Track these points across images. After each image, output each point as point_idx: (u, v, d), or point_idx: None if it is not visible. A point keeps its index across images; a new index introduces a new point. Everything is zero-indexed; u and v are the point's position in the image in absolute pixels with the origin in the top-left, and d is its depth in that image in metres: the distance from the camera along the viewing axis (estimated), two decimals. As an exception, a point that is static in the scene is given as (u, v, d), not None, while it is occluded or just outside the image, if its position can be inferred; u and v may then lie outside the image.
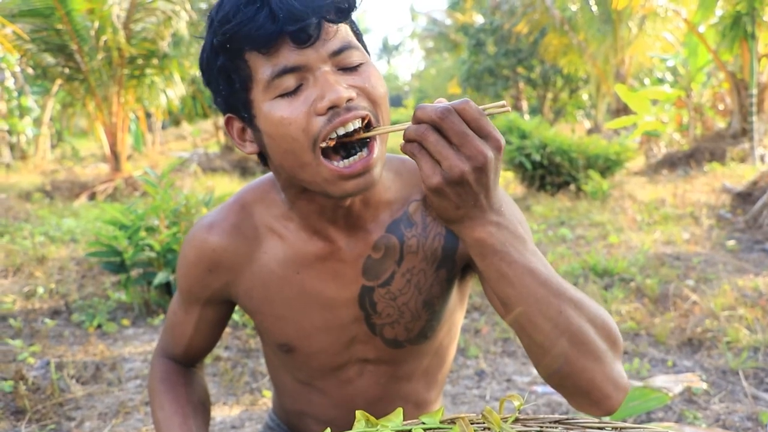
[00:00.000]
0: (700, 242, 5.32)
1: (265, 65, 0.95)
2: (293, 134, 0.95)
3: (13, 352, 3.13)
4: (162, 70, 9.71)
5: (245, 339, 3.34)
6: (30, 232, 5.69)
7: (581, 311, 0.93)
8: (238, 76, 0.98)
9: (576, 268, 4.42)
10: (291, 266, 1.16)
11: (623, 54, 14.98)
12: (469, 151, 0.81)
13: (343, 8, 0.97)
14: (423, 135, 0.82)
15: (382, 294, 1.16)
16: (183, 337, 1.32)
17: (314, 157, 0.95)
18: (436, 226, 1.15)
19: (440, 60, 40.03)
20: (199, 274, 1.23)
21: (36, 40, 8.63)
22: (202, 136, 19.25)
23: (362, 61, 1.00)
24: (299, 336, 1.21)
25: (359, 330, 1.20)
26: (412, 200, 1.16)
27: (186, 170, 10.74)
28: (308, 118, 0.94)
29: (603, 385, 0.95)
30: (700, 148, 10.03)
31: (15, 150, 13.62)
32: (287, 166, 1.00)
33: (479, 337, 3.38)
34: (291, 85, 0.95)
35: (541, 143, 7.89)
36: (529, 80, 22.50)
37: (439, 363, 1.32)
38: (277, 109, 0.95)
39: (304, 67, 0.95)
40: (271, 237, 1.18)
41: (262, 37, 0.93)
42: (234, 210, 1.20)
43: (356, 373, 1.25)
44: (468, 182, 0.82)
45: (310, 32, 0.94)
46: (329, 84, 0.94)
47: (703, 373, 2.94)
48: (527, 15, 15.82)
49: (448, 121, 0.81)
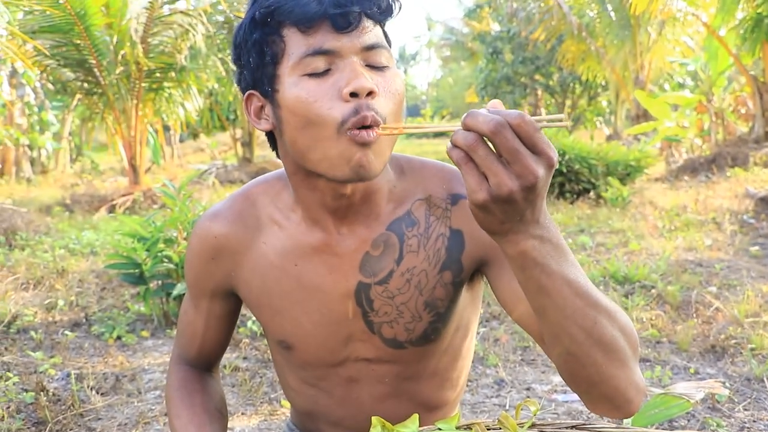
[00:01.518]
0: (722, 248, 5.26)
1: (300, 43, 0.98)
2: (317, 111, 0.97)
3: (35, 364, 3.14)
4: (180, 82, 9.77)
5: (264, 349, 3.34)
6: (50, 245, 5.74)
7: (613, 321, 0.92)
8: (271, 49, 1.01)
9: (596, 275, 4.38)
10: (289, 257, 1.17)
11: (642, 59, 14.92)
12: (520, 170, 0.75)
13: (384, 8, 1.02)
14: (472, 146, 0.76)
15: (379, 292, 1.15)
16: (195, 336, 1.32)
17: (336, 137, 0.97)
18: (440, 227, 1.14)
19: (457, 68, 40.05)
20: (203, 263, 1.24)
21: (56, 55, 8.73)
22: (220, 149, 19.34)
23: (389, 65, 1.03)
24: (297, 331, 1.20)
25: (356, 327, 1.18)
26: (416, 199, 1.15)
27: (204, 182, 10.79)
28: (332, 101, 0.97)
29: (626, 391, 0.95)
30: (721, 153, 9.93)
31: (35, 164, 13.77)
32: (300, 144, 1.02)
33: (498, 346, 3.35)
34: (321, 66, 0.98)
35: (560, 150, 7.84)
36: (547, 87, 22.46)
37: (451, 363, 1.28)
38: (303, 86, 0.98)
39: (337, 52, 0.98)
40: (272, 227, 1.19)
41: (305, 15, 0.97)
42: (238, 200, 1.23)
43: (357, 371, 1.23)
44: (516, 200, 0.77)
45: (351, 20, 0.98)
46: (356, 72, 0.97)
47: (727, 380, 2.90)
48: (544, 22, 15.79)
49: (501, 136, 0.74)
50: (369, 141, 0.97)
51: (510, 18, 19.35)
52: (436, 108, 49.81)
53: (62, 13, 8.02)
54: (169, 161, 18.00)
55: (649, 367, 3.01)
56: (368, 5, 0.99)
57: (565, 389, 2.81)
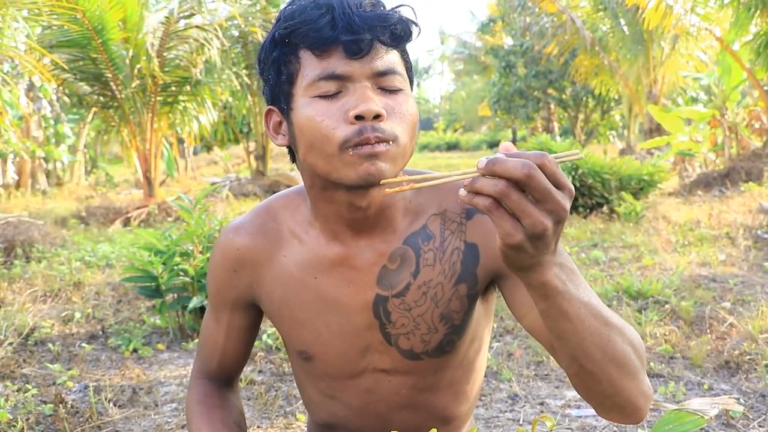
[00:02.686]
0: (736, 263, 5.25)
1: (314, 65, 1.04)
2: (323, 131, 1.03)
3: (53, 376, 3.17)
4: (194, 96, 9.85)
5: (279, 363, 3.36)
6: (66, 258, 5.79)
7: (623, 336, 0.96)
8: (287, 69, 1.07)
9: (609, 290, 4.38)
10: (309, 270, 1.21)
11: (656, 74, 14.92)
12: (553, 207, 0.78)
13: (397, 34, 1.06)
14: (505, 193, 0.77)
15: (397, 304, 1.18)
16: (216, 349, 1.35)
17: (338, 154, 1.02)
18: (455, 241, 1.18)
19: (470, 82, 40.13)
20: (226, 274, 1.28)
21: (73, 69, 8.83)
22: (234, 161, 19.43)
23: (402, 88, 1.08)
24: (316, 342, 1.24)
25: (374, 338, 1.22)
26: (431, 214, 1.19)
27: (218, 195, 10.85)
28: (338, 122, 1.02)
29: (637, 400, 0.99)
30: (735, 168, 9.89)
31: (51, 177, 13.88)
32: (309, 160, 1.08)
33: (512, 361, 3.36)
34: (331, 89, 1.04)
35: (573, 165, 7.85)
36: (560, 101, 22.47)
37: (465, 375, 1.31)
38: (314, 107, 1.04)
39: (348, 76, 1.03)
40: (292, 241, 1.23)
41: (318, 40, 1.03)
42: (260, 213, 1.28)
43: (374, 382, 1.26)
44: (548, 236, 0.80)
45: (362, 47, 1.02)
46: (364, 96, 1.02)
47: (742, 396, 2.89)
48: (557, 36, 15.81)
49: (535, 180, 0.76)
50: (373, 152, 1.01)
51: (523, 32, 19.38)
52: (449, 121, 49.87)
53: (80, 28, 8.12)
54: (183, 174, 18.10)
55: (662, 383, 3.01)
56: (381, 32, 1.04)
57: (579, 404, 2.82)
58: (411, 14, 1.10)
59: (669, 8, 10.33)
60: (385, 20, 1.04)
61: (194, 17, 9.13)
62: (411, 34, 1.09)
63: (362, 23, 1.02)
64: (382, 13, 1.04)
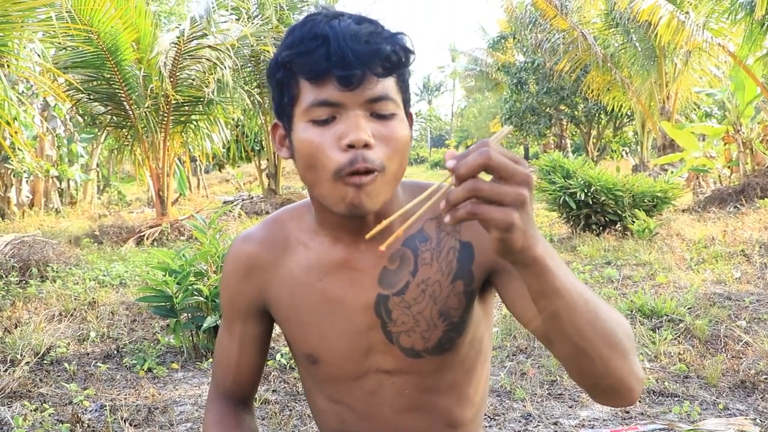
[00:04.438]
0: (752, 281, 5.22)
1: (309, 92, 1.10)
2: (317, 157, 1.09)
3: (69, 396, 3.19)
4: (207, 115, 9.93)
5: (293, 383, 3.36)
6: (81, 277, 5.82)
7: (609, 314, 1.01)
8: (289, 92, 1.14)
9: (623, 309, 4.36)
10: (314, 273, 1.27)
11: (668, 89, 14.90)
12: (518, 176, 0.83)
13: (389, 66, 1.10)
14: (477, 188, 0.82)
15: (397, 302, 1.24)
16: (230, 364, 1.39)
17: (332, 181, 1.09)
18: (450, 241, 1.25)
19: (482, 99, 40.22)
20: (237, 282, 1.34)
21: (87, 89, 8.93)
22: (246, 179, 19.53)
23: (394, 112, 1.13)
24: (322, 344, 1.29)
25: (376, 338, 1.26)
26: (427, 219, 1.26)
27: (230, 213, 10.89)
28: (332, 150, 1.08)
29: (629, 380, 1.03)
30: (750, 184, 9.84)
31: (64, 195, 13.98)
32: (306, 179, 1.15)
33: (525, 380, 3.35)
34: (324, 115, 1.10)
35: (586, 182, 7.83)
36: (572, 118, 22.46)
37: (466, 378, 1.34)
38: (308, 132, 1.11)
39: (341, 104, 1.09)
40: (298, 247, 1.29)
41: (313, 71, 1.08)
42: (268, 224, 1.35)
43: (378, 383, 1.30)
44: (528, 203, 0.84)
45: (353, 80, 1.07)
46: (355, 126, 1.08)
47: (758, 416, 2.87)
48: (569, 53, 15.85)
49: (494, 160, 0.82)
50: (360, 183, 1.08)
51: (534, 49, 19.41)
52: (461, 138, 49.95)
53: (94, 49, 8.23)
54: (195, 192, 18.20)
55: (677, 402, 3.00)
56: (373, 66, 1.08)
57: (593, 424, 2.80)
58: (407, 41, 1.14)
59: (681, 24, 10.34)
60: (378, 53, 1.08)
61: (206, 37, 9.20)
62: (405, 63, 1.14)
63: (355, 57, 1.06)
64: (375, 46, 1.08)
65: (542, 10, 15.71)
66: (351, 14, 1.15)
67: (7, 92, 5.90)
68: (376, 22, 1.13)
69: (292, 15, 12.62)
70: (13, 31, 5.37)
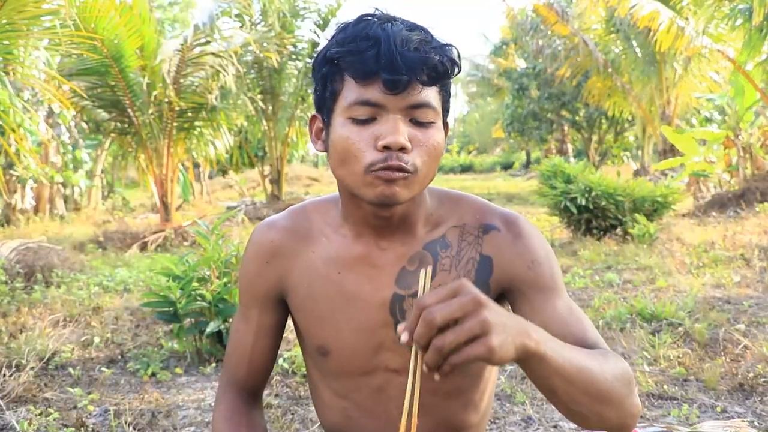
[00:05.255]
0: (751, 285, 5.25)
1: (354, 91, 1.13)
2: (353, 153, 1.13)
3: (74, 400, 3.23)
4: (210, 121, 9.98)
5: (295, 386, 3.40)
6: (85, 283, 5.87)
7: (603, 370, 1.06)
8: (332, 87, 1.16)
9: (623, 313, 4.39)
10: (333, 265, 1.29)
11: (669, 95, 14.94)
12: (469, 307, 0.88)
13: (435, 76, 1.13)
14: (443, 345, 0.87)
15: (412, 303, 1.25)
16: (245, 353, 1.39)
17: (363, 174, 1.13)
18: (470, 251, 1.27)
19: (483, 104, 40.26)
20: (258, 267, 1.36)
21: (91, 96, 8.98)
22: (249, 185, 19.56)
23: (432, 121, 1.16)
24: (335, 337, 1.31)
25: (388, 336, 1.28)
26: (450, 226, 1.29)
27: (233, 219, 10.93)
28: (367, 148, 1.12)
29: (623, 421, 1.10)
30: (750, 188, 9.87)
31: (68, 201, 14.03)
32: (338, 173, 1.19)
33: (525, 383, 3.38)
34: (365, 115, 1.13)
35: (587, 187, 7.87)
36: (573, 123, 22.48)
37: (473, 382, 1.36)
38: (347, 128, 1.14)
39: (383, 106, 1.12)
40: (321, 239, 1.32)
41: (361, 71, 1.11)
42: (294, 212, 1.38)
43: (385, 381, 1.32)
44: (492, 320, 0.88)
45: (399, 85, 1.10)
46: (394, 128, 1.11)
47: (756, 419, 2.90)
48: (570, 59, 15.90)
49: (440, 317, 0.87)
50: (391, 178, 1.11)
51: (536, 55, 19.46)
52: (463, 144, 49.99)
53: (98, 56, 8.28)
54: (199, 198, 18.24)
55: (676, 406, 3.03)
56: (419, 74, 1.11)
57: (592, 427, 2.83)
58: (455, 53, 1.17)
59: (681, 30, 10.37)
60: (426, 62, 1.11)
61: (210, 44, 9.26)
62: (451, 74, 1.17)
63: (404, 63, 1.09)
64: (424, 54, 1.11)
65: (543, 17, 15.76)
66: (404, 20, 1.17)
67: (12, 99, 5.95)
68: (427, 31, 1.16)
69: (294, 21, 12.69)
70: (18, 39, 5.42)
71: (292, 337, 4.10)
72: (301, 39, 12.83)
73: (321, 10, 12.67)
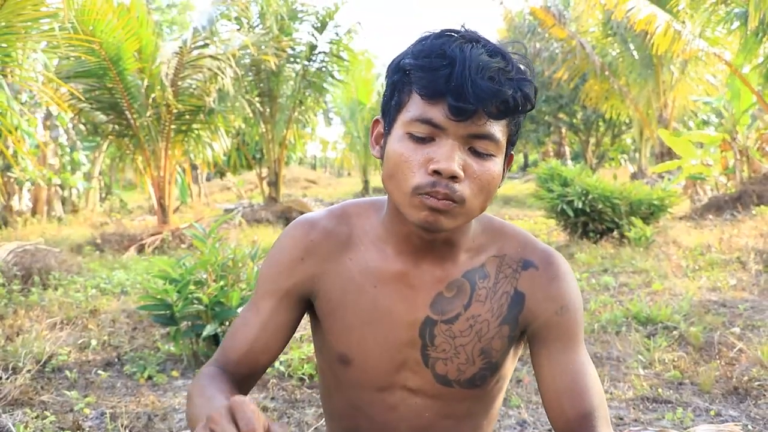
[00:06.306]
0: (747, 288, 5.26)
1: (418, 106, 1.10)
2: (403, 170, 1.10)
3: (70, 403, 3.23)
4: (208, 124, 9.98)
5: (291, 390, 3.41)
6: (82, 285, 5.87)
7: None
8: (399, 97, 1.14)
9: (618, 316, 4.41)
10: (370, 278, 1.27)
11: (666, 97, 14.99)
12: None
13: (505, 110, 1.09)
14: None
15: (443, 330, 1.25)
16: (246, 338, 1.31)
17: (410, 195, 1.10)
18: (506, 285, 1.26)
19: (481, 107, 40.16)
20: (291, 261, 1.31)
21: (89, 99, 8.99)
22: (247, 187, 19.56)
23: (492, 154, 1.12)
24: (359, 349, 1.29)
25: (412, 357, 1.27)
26: (491, 255, 1.27)
27: (231, 222, 10.93)
28: (419, 169, 1.09)
29: None
30: (747, 191, 9.89)
31: (66, 203, 14.02)
32: (387, 186, 1.16)
33: (521, 387, 3.39)
34: (425, 132, 1.09)
35: (583, 190, 7.89)
36: (571, 126, 22.53)
37: (485, 409, 1.37)
38: (403, 144, 1.11)
39: (443, 129, 1.08)
40: (359, 247, 1.29)
41: (429, 90, 1.08)
42: (336, 214, 1.33)
43: (401, 400, 1.31)
44: None
45: (464, 113, 1.06)
46: (448, 155, 1.07)
47: (750, 423, 2.91)
48: (567, 62, 15.92)
49: None
50: (434, 206, 1.09)
51: (533, 58, 19.49)
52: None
53: (97, 59, 8.29)
54: (196, 200, 18.24)
55: (670, 409, 3.04)
56: (488, 105, 1.06)
57: (587, 431, 2.84)
58: (530, 89, 1.11)
59: (677, 33, 10.40)
60: (497, 94, 1.06)
61: (208, 47, 9.27)
62: (521, 110, 1.12)
63: (473, 91, 1.04)
64: (497, 86, 1.06)
65: (541, 20, 15.76)
66: (488, 42, 1.12)
67: (10, 102, 5.96)
68: (509, 58, 1.11)
69: (292, 24, 12.70)
70: (16, 42, 5.43)
71: (288, 340, 4.11)
72: (299, 42, 12.84)
73: (319, 13, 12.67)
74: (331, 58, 12.97)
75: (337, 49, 12.91)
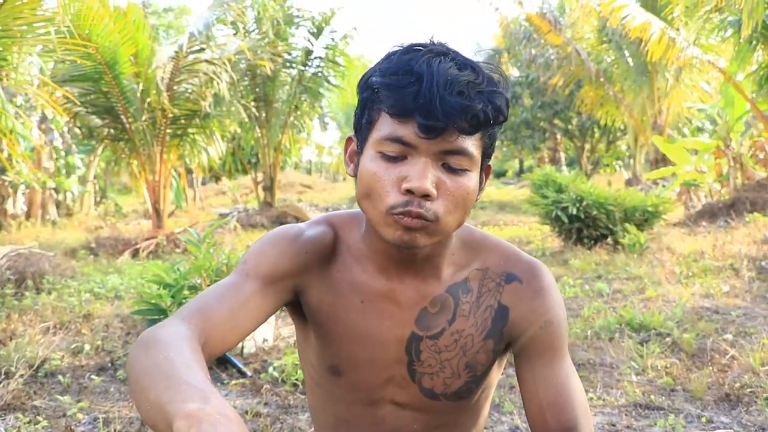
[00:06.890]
0: (740, 295, 5.28)
1: (388, 125, 1.08)
2: (376, 190, 1.08)
3: (63, 408, 3.23)
4: (203, 128, 9.99)
5: (284, 395, 3.40)
6: (76, 289, 5.86)
7: None
8: (369, 115, 1.12)
9: (612, 323, 4.42)
10: (357, 293, 1.26)
11: (660, 104, 15.04)
12: None
13: (476, 125, 1.07)
14: None
15: (429, 345, 1.25)
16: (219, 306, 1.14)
17: (384, 215, 1.08)
18: (489, 299, 1.26)
19: (477, 112, 40.16)
20: (292, 250, 1.24)
21: (85, 102, 8.99)
22: (242, 192, 19.57)
23: (466, 168, 1.10)
24: (349, 361, 1.29)
25: (398, 372, 1.28)
26: (474, 268, 1.27)
27: (225, 226, 10.93)
28: (392, 188, 1.07)
29: None
30: (740, 198, 9.93)
31: (61, 207, 14.01)
32: (362, 205, 1.14)
33: (514, 393, 3.40)
34: (395, 151, 1.07)
35: (578, 196, 7.91)
36: (566, 132, 22.59)
37: (472, 419, 1.38)
38: (375, 164, 1.09)
39: (414, 147, 1.06)
40: (345, 259, 1.28)
41: (396, 107, 1.05)
42: (324, 223, 1.31)
43: (390, 413, 1.32)
44: None
45: (434, 131, 1.04)
46: (421, 174, 1.05)
47: (742, 429, 2.92)
48: (563, 68, 15.98)
49: None
50: (408, 225, 1.07)
51: (529, 64, 19.53)
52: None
53: (92, 63, 8.30)
54: (191, 204, 18.23)
55: (662, 416, 3.05)
56: (458, 121, 1.04)
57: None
58: (501, 102, 1.09)
59: (672, 40, 10.44)
60: (467, 109, 1.03)
61: (204, 52, 9.28)
62: (493, 123, 1.10)
63: (442, 108, 1.02)
64: (467, 101, 1.04)
65: (536, 26, 15.84)
66: (458, 55, 1.10)
67: (5, 105, 5.96)
68: (479, 70, 1.08)
69: (288, 29, 12.73)
70: (12, 45, 5.43)
71: (282, 345, 4.11)
72: (295, 47, 12.87)
73: (315, 18, 12.71)
74: (327, 64, 13.01)
75: (333, 55, 12.94)
